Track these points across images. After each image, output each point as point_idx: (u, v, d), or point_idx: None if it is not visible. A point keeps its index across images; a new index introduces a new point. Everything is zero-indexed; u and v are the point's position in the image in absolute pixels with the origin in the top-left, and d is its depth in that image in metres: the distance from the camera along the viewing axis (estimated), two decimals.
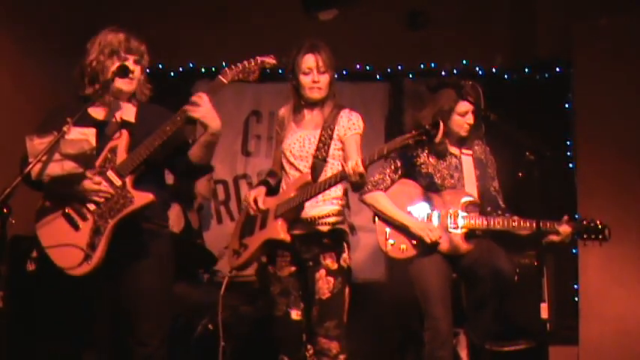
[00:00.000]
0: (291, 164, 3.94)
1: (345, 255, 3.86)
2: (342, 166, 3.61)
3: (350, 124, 3.89)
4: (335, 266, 3.81)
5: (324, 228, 3.84)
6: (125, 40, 3.45)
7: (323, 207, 3.85)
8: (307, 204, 3.81)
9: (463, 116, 4.22)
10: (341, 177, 3.63)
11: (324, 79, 3.89)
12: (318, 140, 3.89)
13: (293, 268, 3.91)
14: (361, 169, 3.50)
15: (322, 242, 3.84)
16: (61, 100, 3.78)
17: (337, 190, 3.89)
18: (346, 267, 3.86)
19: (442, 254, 4.14)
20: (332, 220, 3.86)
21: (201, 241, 5.84)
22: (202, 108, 3.30)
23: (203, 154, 3.48)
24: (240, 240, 4.06)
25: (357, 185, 3.70)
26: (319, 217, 3.84)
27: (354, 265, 3.95)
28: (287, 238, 3.81)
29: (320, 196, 3.81)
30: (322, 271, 3.81)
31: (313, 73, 3.87)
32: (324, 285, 3.80)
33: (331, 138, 3.88)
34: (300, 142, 3.93)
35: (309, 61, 3.88)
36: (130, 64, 3.43)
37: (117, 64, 3.41)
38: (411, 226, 4.14)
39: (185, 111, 3.31)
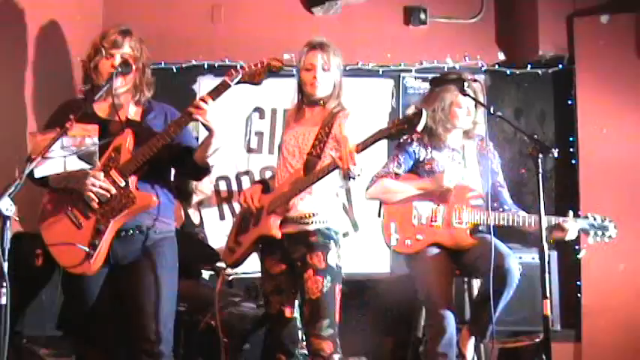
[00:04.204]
0: (285, 159, 3.93)
1: (332, 253, 3.82)
2: (332, 157, 3.59)
3: (347, 125, 3.88)
4: (322, 265, 3.77)
5: (312, 227, 3.82)
6: (118, 35, 3.44)
7: (311, 205, 3.84)
8: (297, 201, 3.81)
9: (462, 108, 4.23)
10: (333, 167, 3.61)
11: (326, 77, 3.88)
12: (315, 138, 3.87)
13: (283, 266, 3.90)
14: (355, 156, 3.48)
15: (309, 241, 3.80)
16: (63, 96, 3.77)
17: (327, 189, 3.89)
18: (335, 265, 3.82)
19: (446, 250, 4.14)
20: (320, 218, 3.84)
21: (203, 237, 5.83)
22: (207, 111, 3.29)
23: (206, 157, 3.50)
24: (236, 237, 4.06)
25: (347, 174, 3.62)
26: (307, 216, 3.82)
27: (358, 262, 3.95)
28: (278, 234, 3.79)
29: (309, 195, 3.81)
30: (310, 271, 3.77)
31: (315, 69, 3.87)
32: (313, 285, 3.76)
33: (327, 137, 3.87)
34: (295, 137, 3.92)
35: (312, 57, 3.88)
36: (120, 59, 3.42)
37: (110, 61, 3.40)
38: (424, 187, 4.18)
39: (190, 114, 3.29)
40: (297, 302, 3.93)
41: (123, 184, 3.31)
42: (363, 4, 6.12)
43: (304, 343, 3.91)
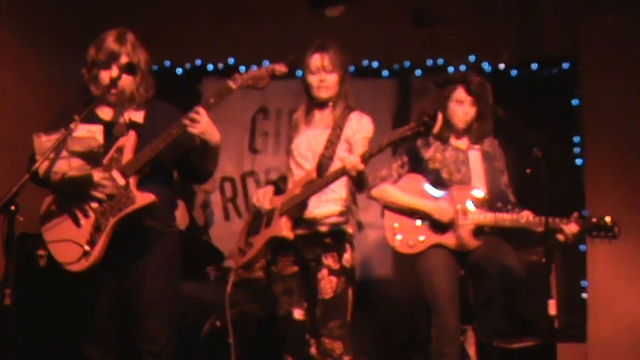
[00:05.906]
0: (297, 163, 3.95)
1: (347, 255, 3.86)
2: (343, 161, 3.61)
3: (359, 126, 3.89)
4: (337, 266, 3.81)
5: (326, 228, 3.85)
6: (114, 45, 3.41)
7: (326, 207, 3.85)
8: (310, 204, 3.82)
9: (461, 104, 4.20)
10: (342, 173, 3.64)
11: (332, 78, 3.89)
12: (327, 140, 3.89)
13: (296, 268, 3.92)
14: (360, 165, 3.52)
15: (324, 242, 3.84)
16: (66, 97, 3.78)
17: (341, 192, 3.89)
18: (349, 267, 3.85)
19: (450, 250, 4.13)
20: (334, 220, 3.86)
21: (207, 238, 5.84)
22: (201, 124, 3.29)
23: (205, 164, 3.52)
24: (247, 239, 4.07)
25: (359, 181, 3.70)
26: (322, 218, 3.84)
27: (362, 262, 3.95)
28: (290, 235, 3.81)
29: (323, 197, 3.82)
30: (324, 271, 3.81)
31: (320, 72, 3.88)
32: (327, 285, 3.79)
33: (339, 138, 3.88)
34: (307, 140, 3.94)
35: (316, 60, 3.89)
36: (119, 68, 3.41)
37: (108, 72, 3.40)
38: (423, 208, 4.14)
39: (184, 125, 3.30)
40: (305, 305, 3.93)
41: (123, 183, 3.32)
42: (368, 5, 6.12)
43: (312, 344, 3.92)
